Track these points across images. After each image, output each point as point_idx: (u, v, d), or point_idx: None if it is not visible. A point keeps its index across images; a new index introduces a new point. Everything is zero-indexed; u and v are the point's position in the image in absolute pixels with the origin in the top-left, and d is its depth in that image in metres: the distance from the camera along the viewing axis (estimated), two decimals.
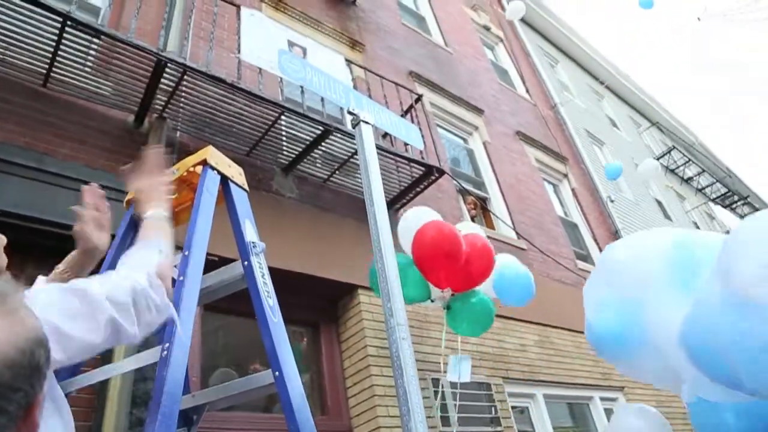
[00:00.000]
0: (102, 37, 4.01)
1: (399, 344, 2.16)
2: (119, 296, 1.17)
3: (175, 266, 1.95)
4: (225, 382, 2.02)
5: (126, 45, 4.01)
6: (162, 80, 4.26)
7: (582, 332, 7.66)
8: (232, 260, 2.14)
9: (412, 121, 5.82)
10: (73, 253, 1.65)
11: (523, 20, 14.85)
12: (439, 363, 5.07)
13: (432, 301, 4.15)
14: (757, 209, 20.29)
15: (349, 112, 3.02)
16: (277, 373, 1.89)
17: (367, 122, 3.00)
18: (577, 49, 16.57)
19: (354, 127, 3.02)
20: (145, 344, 1.52)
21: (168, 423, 1.49)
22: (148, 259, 1.35)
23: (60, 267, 1.64)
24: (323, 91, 2.95)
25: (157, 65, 4.10)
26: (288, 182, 5.30)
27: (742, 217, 18.75)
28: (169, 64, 4.13)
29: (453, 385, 4.98)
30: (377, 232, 2.53)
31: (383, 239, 2.50)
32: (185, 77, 4.27)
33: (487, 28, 12.96)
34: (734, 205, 19.13)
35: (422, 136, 4.10)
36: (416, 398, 2.02)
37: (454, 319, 4.14)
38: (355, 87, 5.89)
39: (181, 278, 1.76)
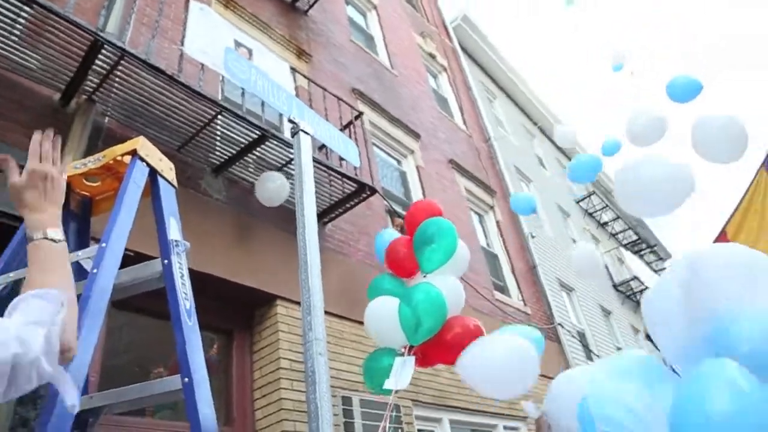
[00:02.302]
0: (34, 6, 3.78)
1: (315, 359, 2.14)
2: None
3: (89, 258, 1.86)
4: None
5: (61, 19, 3.81)
6: (96, 62, 4.07)
7: None
8: (150, 257, 2.06)
9: (350, 138, 5.85)
10: None
11: (467, 54, 15.34)
12: (351, 381, 5.06)
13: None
14: (661, 258, 21.69)
15: (290, 121, 3.00)
16: (186, 379, 1.82)
17: (306, 132, 2.99)
18: (516, 88, 17.24)
19: (293, 136, 3.00)
20: None
21: (61, 426, 1.40)
22: (48, 315, 1.04)
23: None
24: (266, 96, 2.91)
25: (93, 45, 3.92)
26: (217, 183, 5.17)
27: (648, 264, 19.99)
28: (106, 46, 3.95)
29: (363, 403, 4.98)
30: (305, 243, 2.51)
31: (310, 250, 2.49)
32: (122, 62, 4.10)
33: (433, 56, 13.27)
34: (642, 252, 20.39)
35: (359, 153, 4.13)
36: (327, 415, 2.00)
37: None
38: (297, 96, 5.85)
39: (95, 271, 1.67)
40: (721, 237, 5.04)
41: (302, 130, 2.96)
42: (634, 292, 17.23)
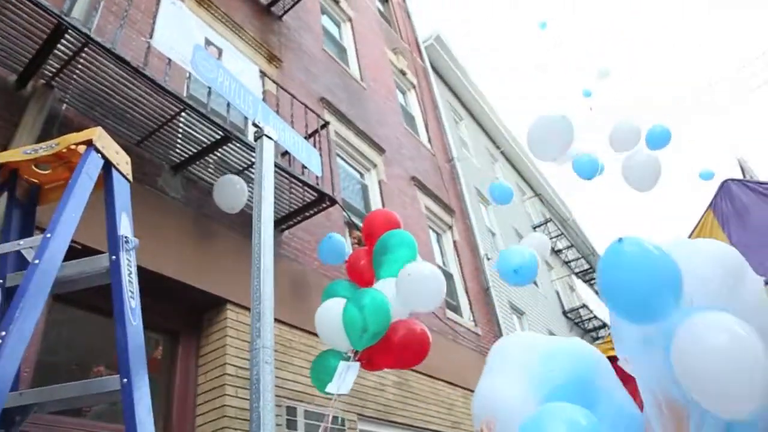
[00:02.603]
0: None
1: (261, 367, 2.11)
2: None
3: (32, 248, 1.79)
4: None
5: None
6: (59, 46, 3.95)
7: (440, 379, 7.85)
8: (97, 252, 1.99)
9: (314, 147, 5.82)
10: None
11: (437, 74, 15.55)
12: (297, 391, 4.99)
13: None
14: None
15: (254, 124, 2.98)
16: (125, 380, 1.77)
17: (270, 137, 2.98)
18: (483, 112, 17.54)
19: (255, 140, 2.98)
20: None
21: None
22: None
23: None
24: (231, 97, 2.88)
25: (56, 29, 3.81)
26: (175, 182, 5.06)
27: (597, 293, 20.47)
28: (70, 31, 3.84)
29: (307, 415, 4.91)
30: (260, 248, 2.48)
31: (264, 256, 2.46)
32: (86, 49, 3.99)
33: (404, 73, 13.39)
34: (592, 281, 20.90)
35: (322, 162, 4.12)
36: (270, 425, 1.96)
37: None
38: (264, 100, 5.80)
39: (36, 262, 1.60)
40: None
41: (266, 135, 2.94)
42: (582, 320, 17.62)
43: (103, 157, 2.03)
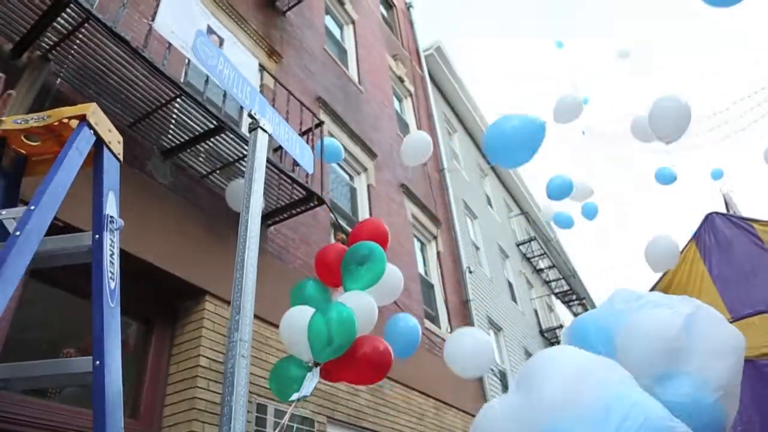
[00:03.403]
0: None
1: (237, 361, 2.08)
2: None
3: (13, 218, 1.75)
4: None
5: None
6: (59, 19, 3.89)
7: (413, 388, 7.82)
8: (78, 230, 1.95)
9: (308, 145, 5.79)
10: None
11: (435, 83, 15.59)
12: (269, 389, 4.93)
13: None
14: (587, 310, 22.39)
15: (250, 116, 2.95)
16: (98, 362, 1.73)
17: (265, 130, 2.95)
18: (476, 126, 17.62)
19: (250, 132, 2.95)
20: None
21: None
22: None
23: None
24: (230, 86, 2.85)
25: (58, 1, 3.75)
26: (165, 167, 5.00)
27: (575, 315, 20.62)
28: (72, 5, 3.78)
29: (277, 413, 4.86)
30: (245, 241, 2.45)
31: (249, 249, 2.43)
32: (86, 25, 3.94)
33: (402, 80, 13.42)
34: (571, 303, 21.04)
35: (314, 161, 4.09)
36: (240, 420, 1.93)
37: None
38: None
39: (17, 234, 1.56)
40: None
41: (261, 127, 2.91)
42: (559, 340, 17.71)
43: (96, 133, 1.99)
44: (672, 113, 5.09)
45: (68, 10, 3.88)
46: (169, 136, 4.93)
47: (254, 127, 2.85)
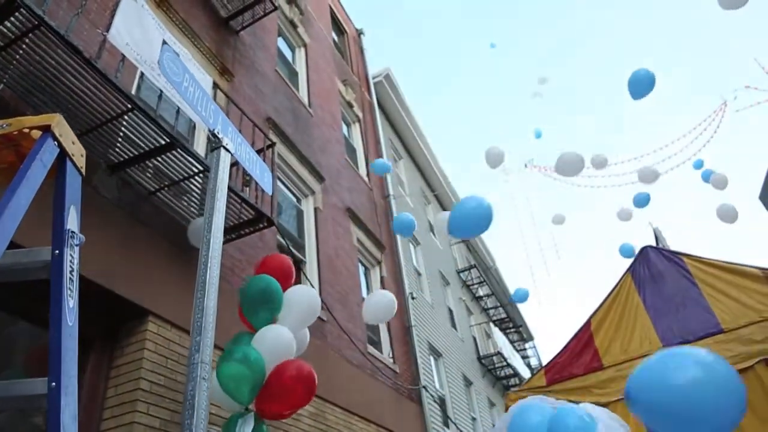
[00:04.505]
0: None
1: (198, 383, 2.03)
2: None
3: None
4: None
5: None
6: (5, 23, 3.74)
7: (355, 413, 7.75)
8: (17, 246, 1.87)
9: None
10: None
11: (383, 111, 15.82)
12: (213, 413, 4.78)
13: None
14: (523, 338, 22.94)
15: (213, 135, 2.93)
16: (53, 383, 1.65)
17: (228, 149, 2.93)
18: (422, 154, 17.96)
19: (212, 151, 2.92)
20: None
21: None
22: None
23: None
24: (195, 104, 2.82)
25: (8, 4, 3.61)
26: (111, 182, 4.83)
27: (511, 342, 21.07)
28: (22, 10, 3.65)
29: None
30: (207, 260, 2.41)
31: (211, 268, 2.40)
32: (36, 31, 3.80)
33: (350, 105, 13.54)
34: (508, 331, 21.50)
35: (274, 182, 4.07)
36: None
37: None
38: None
39: None
40: (586, 327, 5.47)
41: (224, 146, 2.89)
42: (495, 367, 18.00)
43: (60, 145, 1.93)
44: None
45: (18, 14, 3.74)
46: (117, 150, 4.78)
47: (217, 146, 2.83)
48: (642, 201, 11.38)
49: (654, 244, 9.45)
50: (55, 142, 1.90)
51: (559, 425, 2.47)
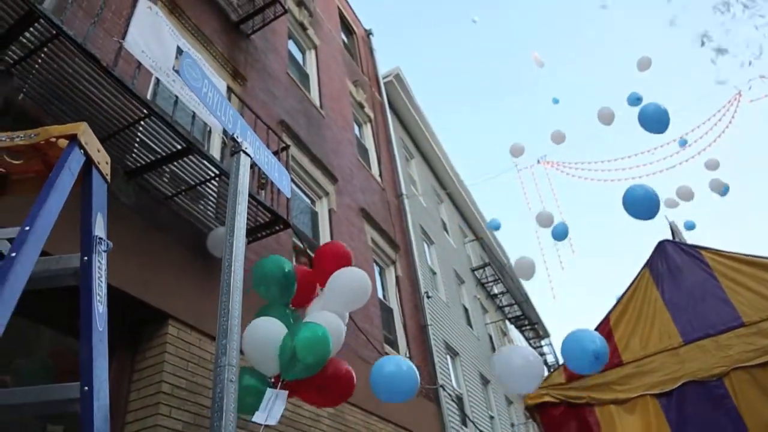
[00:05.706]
0: None
1: (226, 386, 2.05)
2: None
3: (6, 239, 1.69)
4: None
5: None
6: (26, 34, 3.80)
7: (374, 414, 7.75)
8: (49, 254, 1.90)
9: None
10: None
11: (394, 110, 15.83)
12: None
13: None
14: (539, 335, 22.84)
15: (233, 139, 2.95)
16: (86, 388, 1.68)
17: (247, 153, 2.95)
18: (434, 154, 17.94)
19: (232, 155, 2.95)
20: None
21: None
22: None
23: None
24: (214, 108, 2.85)
25: (27, 16, 3.67)
26: (128, 188, 4.88)
27: (527, 339, 20.99)
28: (42, 20, 3.71)
29: None
30: (230, 263, 2.44)
31: (235, 272, 2.42)
32: (55, 41, 3.85)
33: (362, 106, 13.56)
34: (524, 328, 21.41)
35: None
36: None
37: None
38: None
39: (13, 255, 1.51)
40: (605, 323, 5.44)
41: (243, 151, 2.92)
42: None
43: (86, 153, 1.96)
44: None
45: (37, 25, 3.79)
46: (134, 155, 4.83)
47: (237, 150, 2.85)
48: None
49: (671, 238, 9.38)
50: (82, 151, 1.94)
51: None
